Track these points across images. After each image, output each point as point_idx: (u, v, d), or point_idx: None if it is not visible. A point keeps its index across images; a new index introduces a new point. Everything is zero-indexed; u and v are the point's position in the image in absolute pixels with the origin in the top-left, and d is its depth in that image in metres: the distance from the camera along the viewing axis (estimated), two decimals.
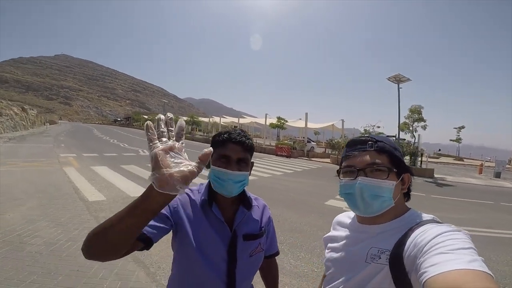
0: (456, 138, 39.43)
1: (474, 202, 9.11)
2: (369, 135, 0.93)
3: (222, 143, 1.05)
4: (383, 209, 0.84)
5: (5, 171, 8.36)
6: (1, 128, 25.07)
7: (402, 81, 16.49)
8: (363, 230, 0.90)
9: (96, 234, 0.71)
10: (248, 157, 1.07)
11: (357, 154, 0.89)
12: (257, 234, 1.13)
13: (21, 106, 37.98)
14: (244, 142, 1.05)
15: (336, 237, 1.00)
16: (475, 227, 6.06)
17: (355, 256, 0.86)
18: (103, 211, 5.21)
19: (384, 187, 0.83)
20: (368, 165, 0.86)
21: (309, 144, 26.23)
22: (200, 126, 50.47)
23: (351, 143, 0.93)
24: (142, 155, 15.48)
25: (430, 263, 0.59)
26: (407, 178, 0.89)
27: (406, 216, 0.85)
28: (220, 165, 1.02)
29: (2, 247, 3.46)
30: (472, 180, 15.78)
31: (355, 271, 0.83)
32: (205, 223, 1.04)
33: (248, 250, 1.09)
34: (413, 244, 0.69)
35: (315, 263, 3.84)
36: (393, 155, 0.87)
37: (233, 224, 1.08)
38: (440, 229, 0.68)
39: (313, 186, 10.03)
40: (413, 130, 18.26)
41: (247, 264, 1.09)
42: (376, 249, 0.80)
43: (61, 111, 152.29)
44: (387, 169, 0.84)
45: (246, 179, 1.06)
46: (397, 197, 0.85)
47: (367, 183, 0.84)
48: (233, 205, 1.12)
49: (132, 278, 3.04)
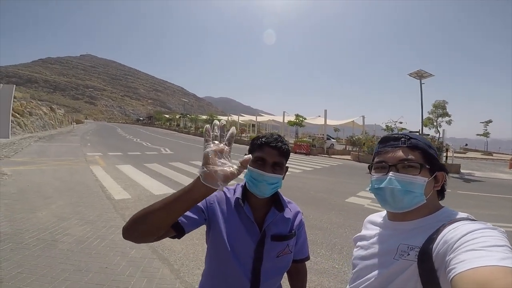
0: (484, 132, 37.74)
1: (504, 198, 8.76)
2: (403, 132, 0.92)
3: (259, 146, 1.11)
4: (413, 205, 0.84)
5: (37, 169, 8.82)
6: (32, 128, 26.35)
7: (424, 77, 15.97)
8: (393, 227, 0.91)
9: (139, 216, 0.81)
10: (283, 162, 1.12)
11: (390, 150, 0.89)
12: (285, 235, 1.16)
13: (49, 106, 39.78)
14: (281, 147, 1.10)
15: (366, 235, 1.01)
16: (505, 223, 5.82)
17: (384, 252, 0.86)
18: (128, 209, 5.40)
19: (415, 182, 0.83)
20: (400, 161, 0.86)
21: (329, 141, 25.88)
22: None
23: (384, 139, 0.94)
24: (164, 153, 15.84)
25: (459, 260, 0.58)
26: (441, 176, 0.88)
27: (439, 213, 0.84)
28: (256, 166, 1.08)
29: (36, 245, 3.66)
30: (502, 175, 15.09)
31: (382, 268, 0.83)
32: (236, 220, 1.11)
33: (275, 250, 1.13)
34: (443, 240, 0.68)
35: (336, 260, 3.84)
36: (426, 152, 0.87)
37: (263, 224, 1.12)
38: (473, 226, 0.66)
39: (333, 183, 9.93)
40: (437, 125, 17.65)
41: (273, 264, 1.13)
42: (406, 245, 0.80)
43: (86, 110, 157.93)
44: (419, 166, 0.84)
45: (279, 182, 1.11)
46: (429, 194, 0.85)
47: (399, 178, 0.85)
48: (265, 206, 1.16)
49: (157, 275, 3.15)
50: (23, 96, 33.54)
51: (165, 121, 71.98)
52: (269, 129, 45.30)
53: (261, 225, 1.12)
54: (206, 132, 0.76)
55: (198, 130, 43.55)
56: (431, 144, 0.90)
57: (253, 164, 1.09)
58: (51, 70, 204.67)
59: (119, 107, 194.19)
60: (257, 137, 1.16)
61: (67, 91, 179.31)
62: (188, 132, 44.23)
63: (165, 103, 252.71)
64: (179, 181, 8.34)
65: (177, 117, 64.78)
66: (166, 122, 70.31)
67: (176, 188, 7.22)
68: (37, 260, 3.25)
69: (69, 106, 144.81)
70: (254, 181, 1.08)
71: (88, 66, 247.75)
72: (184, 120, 55.34)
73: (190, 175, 9.38)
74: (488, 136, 37.90)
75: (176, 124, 62.00)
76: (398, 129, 18.94)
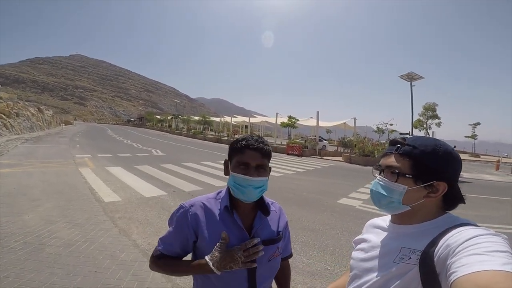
0: (472, 134, 38.58)
1: (492, 199, 8.94)
2: (405, 137, 0.92)
3: (240, 150, 1.07)
4: (393, 210, 0.88)
5: (23, 172, 8.62)
6: (18, 129, 25.82)
7: (414, 79, 16.25)
8: (395, 230, 0.91)
9: (159, 266, 1.15)
10: (266, 163, 1.09)
11: (388, 154, 0.92)
12: (275, 239, 1.15)
13: (37, 107, 39.06)
14: (262, 149, 1.07)
15: (367, 238, 1.00)
16: (493, 224, 5.95)
17: (384, 255, 0.86)
18: (118, 212, 5.31)
19: (392, 189, 0.86)
20: (387, 166, 0.90)
21: (321, 143, 26.05)
22: (212, 125, 50.77)
23: (391, 142, 0.96)
24: (156, 155, 15.70)
25: (461, 264, 0.58)
26: (442, 186, 0.83)
27: (441, 219, 0.84)
28: (239, 171, 1.05)
29: (22, 248, 3.57)
30: (489, 176, 15.43)
31: (382, 271, 0.83)
32: (224, 230, 1.07)
33: (267, 255, 1.11)
34: (445, 244, 0.68)
35: (328, 261, 3.84)
36: (418, 161, 0.83)
37: (251, 230, 1.10)
38: (476, 232, 0.66)
39: (325, 184, 9.98)
40: (427, 127, 17.92)
41: (266, 268, 1.12)
42: (407, 249, 0.80)
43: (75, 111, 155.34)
44: (397, 174, 0.85)
45: (265, 184, 1.08)
46: (417, 202, 0.84)
47: (380, 182, 0.91)
48: (252, 211, 1.14)
49: (148, 278, 3.09)
50: (9, 96, 32.89)
51: (156, 122, 71.41)
52: (262, 131, 45.33)
53: (249, 231, 1.10)
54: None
55: (191, 131, 43.33)
56: (435, 152, 0.83)
57: (236, 169, 1.06)
58: (39, 70, 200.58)
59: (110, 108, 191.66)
60: (236, 140, 1.12)
61: (56, 91, 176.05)
62: (180, 134, 43.97)
63: (157, 103, 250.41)
64: (170, 183, 8.26)
65: (169, 118, 64.38)
66: (157, 123, 69.79)
67: (167, 190, 7.16)
68: (24, 264, 3.17)
69: (58, 107, 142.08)
70: (239, 187, 1.04)
71: (77, 66, 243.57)
72: (176, 121, 55.03)
73: (182, 177, 9.30)
74: (476, 138, 38.78)
75: (168, 125, 61.59)
76: (389, 131, 19.17)
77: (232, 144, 1.12)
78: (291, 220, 5.40)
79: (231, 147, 1.12)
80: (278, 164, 14.69)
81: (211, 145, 27.06)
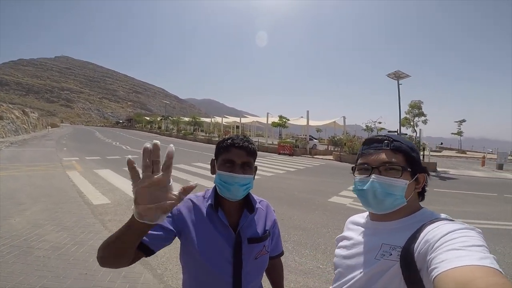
0: (458, 131, 39.40)
1: (478, 195, 9.12)
2: (387, 134, 0.93)
3: (226, 148, 1.09)
4: (395, 207, 0.85)
5: (9, 175, 8.42)
6: (3, 132, 25.17)
7: (401, 77, 16.51)
8: (375, 227, 0.91)
9: (102, 248, 0.83)
10: (251, 161, 1.11)
11: (373, 152, 0.90)
12: (261, 237, 1.15)
13: (22, 109, 38.10)
14: (247, 147, 1.09)
15: (348, 236, 1.00)
16: (480, 220, 6.08)
17: (366, 252, 0.86)
18: (108, 214, 5.24)
19: (396, 185, 0.84)
20: (382, 163, 0.87)
21: (311, 142, 26.21)
22: (202, 126, 50.52)
23: (368, 141, 0.95)
24: None
25: (441, 259, 0.59)
26: (422, 178, 0.89)
27: (418, 214, 0.86)
28: (225, 169, 1.06)
29: (10, 252, 3.50)
30: (475, 172, 15.79)
31: (364, 268, 0.83)
32: (210, 227, 1.08)
33: (253, 253, 1.12)
34: (424, 240, 0.69)
35: (320, 260, 3.86)
36: (409, 155, 0.87)
37: (237, 228, 1.11)
38: (453, 226, 0.68)
39: (316, 183, 10.05)
40: (414, 125, 18.23)
41: (252, 267, 1.12)
42: (388, 245, 0.80)
43: (62, 113, 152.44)
44: (401, 168, 0.85)
45: (250, 182, 1.10)
46: (410, 196, 0.86)
47: (381, 181, 0.85)
48: (238, 209, 1.15)
49: (140, 280, 3.07)
50: None
51: (146, 124, 70.63)
52: (253, 131, 45.32)
53: (235, 230, 1.10)
54: (130, 167, 0.65)
55: (181, 132, 43.02)
56: (414, 146, 0.91)
57: (221, 168, 1.08)
58: (24, 72, 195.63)
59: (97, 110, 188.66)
60: (222, 139, 1.14)
61: (41, 94, 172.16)
62: (170, 135, 43.59)
63: (146, 105, 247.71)
64: None
65: (159, 119, 63.76)
66: (147, 125, 69.04)
67: None
68: (12, 268, 3.11)
69: (44, 110, 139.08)
70: (225, 184, 1.06)
71: (63, 68, 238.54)
72: (166, 123, 54.55)
73: (172, 179, 9.19)
74: (461, 135, 39.60)
75: (157, 126, 60.97)
76: (378, 129, 19.42)
77: (219, 143, 1.14)
78: (283, 219, 5.42)
79: (218, 146, 1.14)
80: (269, 164, 14.72)
81: (202, 146, 26.91)
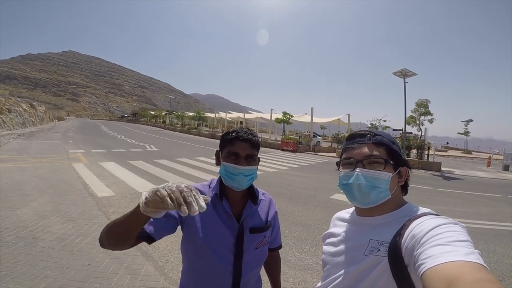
0: (464, 131, 38.98)
1: (482, 195, 9.05)
2: (369, 129, 0.95)
3: (230, 141, 1.13)
4: (380, 200, 0.86)
5: (16, 167, 8.55)
6: (11, 125, 25.49)
7: (408, 76, 16.31)
8: (361, 222, 0.92)
9: (105, 231, 0.89)
10: (255, 153, 1.15)
11: (356, 147, 0.91)
12: (263, 227, 1.19)
13: (29, 103, 38.51)
14: (251, 140, 1.13)
15: (334, 232, 1.01)
16: (483, 220, 6.06)
17: (354, 249, 0.87)
18: (112, 207, 5.32)
19: (380, 178, 0.85)
20: (366, 156, 0.88)
21: (315, 139, 26.16)
22: (207, 121, 50.64)
23: (351, 136, 0.96)
24: (150, 150, 15.63)
25: (427, 255, 0.60)
26: (405, 171, 0.91)
27: (403, 208, 0.87)
28: (230, 161, 1.11)
29: (16, 242, 3.57)
30: (480, 173, 15.65)
31: (353, 264, 0.84)
32: (214, 216, 1.11)
33: (254, 242, 1.15)
34: (411, 235, 0.70)
35: (320, 256, 3.87)
36: (390, 148, 0.89)
37: (240, 217, 1.14)
38: (437, 221, 0.69)
39: (318, 180, 10.05)
40: (420, 123, 18.09)
41: (253, 256, 1.16)
42: (376, 241, 0.81)
43: (68, 107, 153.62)
44: (384, 161, 0.86)
45: (255, 173, 1.14)
46: (394, 189, 0.88)
47: (365, 174, 0.87)
48: (242, 200, 1.19)
49: (141, 271, 3.12)
50: (1, 93, 32.41)
51: (150, 118, 71.01)
52: (257, 126, 45.32)
53: (238, 219, 1.14)
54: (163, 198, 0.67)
55: (185, 127, 43.16)
56: (395, 140, 0.93)
57: (226, 159, 1.12)
58: (32, 66, 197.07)
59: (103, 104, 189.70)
60: (227, 132, 1.18)
61: (48, 87, 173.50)
62: (174, 129, 43.77)
63: (151, 99, 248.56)
64: (164, 178, 8.26)
65: (163, 114, 64.01)
66: (151, 119, 69.38)
67: None
68: (17, 258, 3.18)
69: (51, 103, 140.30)
70: (230, 175, 1.10)
71: (70, 63, 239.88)
72: (170, 117, 54.75)
73: (175, 172, 9.32)
74: (468, 135, 39.18)
75: (162, 121, 61.24)
76: (382, 127, 19.31)
77: (223, 135, 1.18)
78: (284, 215, 5.45)
79: (222, 138, 1.18)
80: (273, 160, 14.75)
81: (205, 140, 27.01)
